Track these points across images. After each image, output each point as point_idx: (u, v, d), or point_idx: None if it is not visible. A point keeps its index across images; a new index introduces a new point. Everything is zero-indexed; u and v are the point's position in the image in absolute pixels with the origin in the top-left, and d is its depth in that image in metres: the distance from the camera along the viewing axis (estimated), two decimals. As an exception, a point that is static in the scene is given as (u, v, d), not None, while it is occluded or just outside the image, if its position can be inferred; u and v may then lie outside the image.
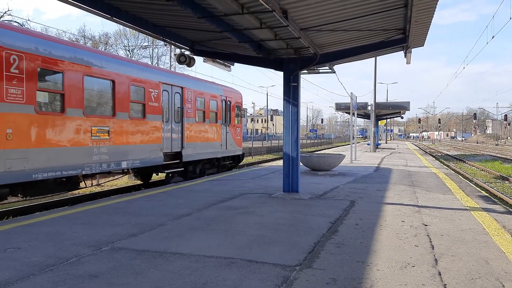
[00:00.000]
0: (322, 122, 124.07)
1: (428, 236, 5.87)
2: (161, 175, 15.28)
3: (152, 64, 47.42)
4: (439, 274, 4.29)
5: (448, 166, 25.55)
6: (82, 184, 11.26)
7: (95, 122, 10.52)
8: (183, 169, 14.57)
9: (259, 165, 21.74)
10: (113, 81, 11.18)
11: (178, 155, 14.36)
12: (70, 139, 9.75)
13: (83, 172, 10.24)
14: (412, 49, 9.83)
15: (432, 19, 7.55)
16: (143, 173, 14.01)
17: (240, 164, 20.57)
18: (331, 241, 5.56)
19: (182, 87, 14.56)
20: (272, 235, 5.87)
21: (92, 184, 13.68)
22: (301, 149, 11.34)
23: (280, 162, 20.38)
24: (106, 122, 10.91)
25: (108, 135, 10.95)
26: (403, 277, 4.18)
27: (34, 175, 8.87)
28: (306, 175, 13.96)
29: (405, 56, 10.17)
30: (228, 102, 18.33)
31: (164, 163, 13.48)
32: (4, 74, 8.17)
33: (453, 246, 5.36)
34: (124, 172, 12.77)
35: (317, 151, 41.75)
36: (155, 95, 12.95)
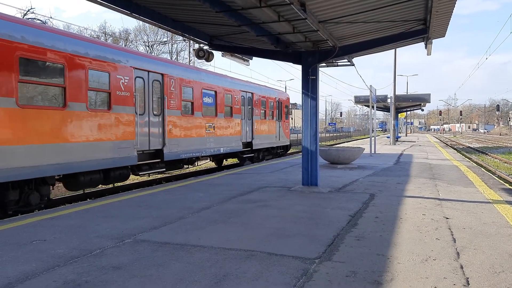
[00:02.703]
0: (341, 116, 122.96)
1: (449, 229, 5.81)
2: (230, 161, 20.49)
3: (171, 59, 47.85)
4: (461, 267, 4.24)
5: (470, 158, 25.09)
6: (196, 163, 16.10)
7: (207, 120, 15.18)
8: (253, 154, 19.26)
9: (278, 158, 21.73)
10: (215, 92, 15.90)
11: (249, 144, 18.93)
12: (196, 132, 14.43)
13: (201, 155, 15.02)
14: (433, 40, 9.67)
15: (453, 9, 7.40)
16: (218, 158, 18.68)
17: (288, 152, 25.14)
18: (351, 234, 5.55)
19: (252, 93, 19.27)
20: (291, 228, 5.88)
21: (197, 164, 17.39)
22: (320, 143, 11.34)
23: (299, 156, 20.36)
24: (212, 120, 15.57)
25: (213, 130, 15.63)
26: (424, 270, 4.15)
27: (181, 156, 13.51)
28: (325, 168, 13.91)
29: (426, 47, 10.00)
30: (280, 102, 22.86)
31: (242, 150, 18.14)
32: (168, 91, 12.78)
33: (476, 239, 5.29)
34: (220, 155, 17.25)
35: (336, 144, 41.50)
36: (237, 100, 17.76)
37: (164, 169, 12.99)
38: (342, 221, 6.29)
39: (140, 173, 12.10)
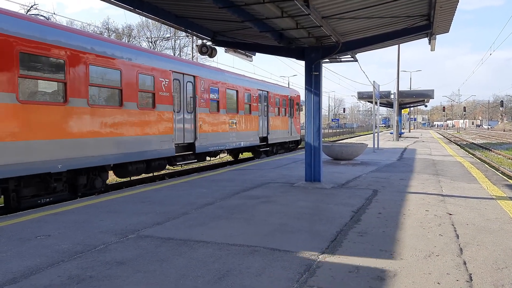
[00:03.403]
0: (344, 112, 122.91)
1: (452, 225, 5.80)
2: (245, 154, 21.97)
3: (174, 55, 47.89)
4: (464, 263, 4.25)
5: (473, 154, 25.02)
6: (219, 155, 17.86)
7: (230, 117, 16.80)
8: (268, 148, 20.84)
9: (281, 154, 21.73)
10: (237, 91, 17.49)
11: (264, 139, 20.51)
12: (221, 128, 15.93)
13: (225, 148, 16.54)
14: (437, 36, 9.62)
15: (457, 5, 7.36)
16: (235, 152, 20.13)
17: (299, 146, 26.64)
18: (354, 230, 5.56)
19: (267, 91, 20.90)
20: (294, 223, 5.90)
21: (220, 156, 19.23)
22: (323, 139, 11.38)
23: (301, 152, 20.35)
24: (234, 117, 17.17)
25: (235, 125, 17.19)
26: (427, 266, 4.16)
27: (209, 148, 15.09)
28: (328, 164, 13.91)
29: (429, 43, 9.95)
30: (292, 100, 24.46)
31: (259, 144, 19.83)
32: (199, 91, 14.39)
33: (479, 235, 5.29)
34: (239, 148, 18.73)
35: (339, 140, 41.46)
36: (255, 98, 19.35)
37: (195, 161, 14.54)
38: (345, 217, 6.30)
39: (176, 164, 13.55)
